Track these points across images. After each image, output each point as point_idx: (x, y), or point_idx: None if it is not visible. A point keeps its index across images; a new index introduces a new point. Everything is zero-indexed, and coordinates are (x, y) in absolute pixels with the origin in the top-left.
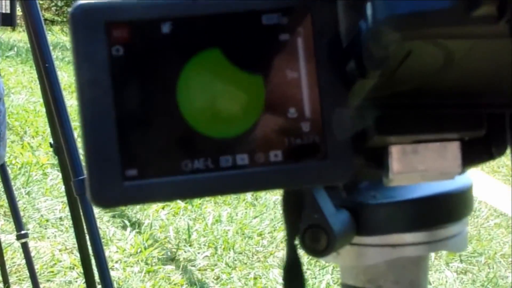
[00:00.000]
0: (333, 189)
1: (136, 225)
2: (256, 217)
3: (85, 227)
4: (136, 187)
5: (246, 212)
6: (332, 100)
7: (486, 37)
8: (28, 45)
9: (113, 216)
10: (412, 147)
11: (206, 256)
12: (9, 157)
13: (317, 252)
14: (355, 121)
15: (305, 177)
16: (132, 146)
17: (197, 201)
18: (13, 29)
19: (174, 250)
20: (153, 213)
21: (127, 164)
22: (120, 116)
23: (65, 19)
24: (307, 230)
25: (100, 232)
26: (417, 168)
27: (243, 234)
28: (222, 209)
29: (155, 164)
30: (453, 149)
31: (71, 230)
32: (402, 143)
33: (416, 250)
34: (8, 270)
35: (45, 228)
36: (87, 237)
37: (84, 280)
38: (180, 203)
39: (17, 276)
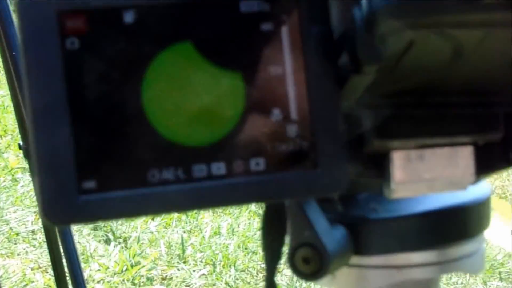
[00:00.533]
0: (326, 202)
1: (121, 238)
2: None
3: (60, 241)
4: (94, 202)
5: (249, 222)
6: (322, 99)
7: (499, 26)
8: None
9: (94, 229)
10: (417, 153)
11: (203, 274)
12: None
13: (308, 275)
14: (350, 124)
15: (292, 188)
16: (90, 154)
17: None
18: None
19: (166, 267)
20: (141, 225)
21: (84, 175)
22: (76, 119)
23: None
24: (297, 249)
25: (79, 247)
26: (424, 177)
27: (246, 248)
28: (222, 220)
29: (117, 175)
30: (465, 154)
31: (45, 245)
32: (406, 148)
33: (425, 272)
34: None
35: (15, 243)
36: (63, 253)
37: None
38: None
39: None
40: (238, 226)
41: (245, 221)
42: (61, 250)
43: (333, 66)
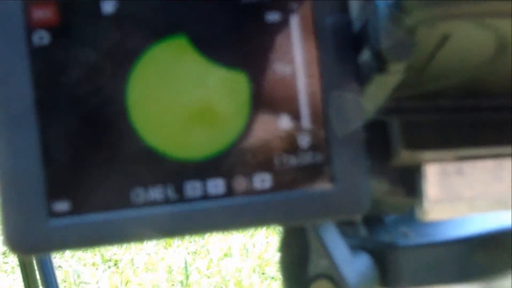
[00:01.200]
0: (347, 226)
1: (111, 262)
2: None
3: (36, 266)
4: (67, 226)
5: (267, 241)
6: (340, 103)
7: None
8: None
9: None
10: (455, 166)
11: None
12: None
13: None
14: (374, 132)
15: (305, 210)
16: (62, 169)
17: None
18: None
19: None
20: (136, 245)
21: (55, 194)
22: (45, 127)
23: None
24: (313, 281)
25: (60, 272)
26: (463, 194)
27: (263, 273)
28: (233, 239)
29: (95, 194)
30: (511, 168)
31: (19, 271)
32: (441, 161)
33: None
34: None
35: None
36: (40, 281)
37: None
38: None
39: None
40: (253, 246)
41: (261, 239)
42: (38, 277)
43: (353, 63)
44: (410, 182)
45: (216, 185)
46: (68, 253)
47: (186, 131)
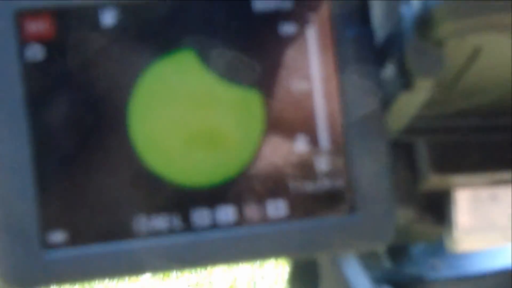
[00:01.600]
0: (370, 257)
1: None
2: None
3: None
4: (64, 259)
5: (276, 274)
6: (361, 123)
7: None
8: None
9: None
10: (489, 192)
11: None
12: None
13: None
14: (399, 154)
15: (323, 240)
16: (57, 196)
17: None
18: None
19: None
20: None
21: (50, 223)
22: (39, 151)
23: None
24: None
25: None
26: (497, 222)
27: None
28: (239, 270)
29: (93, 224)
30: None
31: None
32: (473, 186)
33: None
34: None
35: None
36: None
37: None
38: None
39: None
40: (262, 278)
41: (270, 271)
42: None
43: (376, 80)
44: (439, 209)
45: (226, 213)
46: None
47: (192, 155)
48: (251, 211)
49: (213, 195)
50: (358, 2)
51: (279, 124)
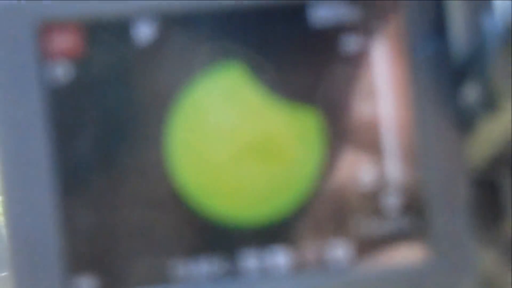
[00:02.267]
0: None
1: None
2: None
3: None
4: None
5: None
6: (437, 154)
7: None
8: None
9: None
10: None
11: None
12: None
13: None
14: (482, 190)
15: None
16: (86, 237)
17: None
18: None
19: None
20: None
21: (78, 267)
22: (65, 183)
23: None
24: None
25: None
26: None
27: None
28: None
29: (126, 267)
30: None
31: None
32: None
33: None
34: None
35: None
36: None
37: None
38: None
39: None
40: None
41: None
42: None
43: (454, 102)
44: None
45: (278, 255)
46: None
47: (240, 188)
48: (308, 254)
49: (263, 235)
50: (434, 13)
51: (341, 153)
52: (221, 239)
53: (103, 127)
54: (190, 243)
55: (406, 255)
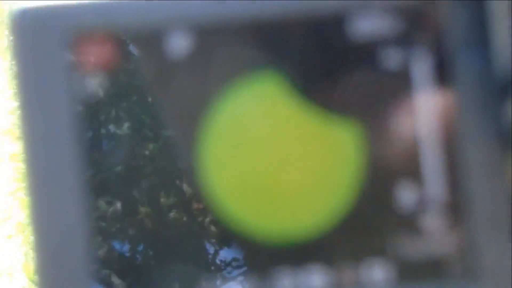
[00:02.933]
0: None
1: None
2: None
3: None
4: None
5: None
6: (479, 174)
7: None
8: None
9: None
10: None
11: None
12: None
13: None
14: None
15: None
16: (109, 258)
17: None
18: None
19: None
20: None
21: (101, 272)
22: (94, 195)
23: None
24: None
25: None
26: None
27: None
28: None
29: (152, 277)
30: None
31: None
32: None
33: None
34: None
35: None
36: None
37: None
38: None
39: None
40: None
41: None
42: None
43: (498, 122)
44: None
45: (314, 276)
46: None
47: (276, 203)
48: (345, 274)
49: (299, 253)
50: (478, 26)
51: (381, 169)
52: (256, 257)
53: (134, 139)
54: (223, 259)
55: (447, 278)
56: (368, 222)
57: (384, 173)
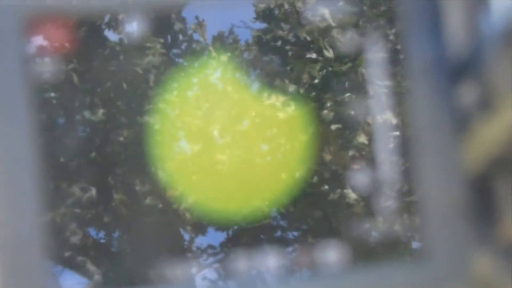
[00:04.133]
0: None
1: None
2: None
3: None
4: None
5: None
6: (432, 154)
7: None
8: None
9: None
10: None
11: None
12: None
13: None
14: (477, 193)
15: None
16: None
17: None
18: None
19: None
20: None
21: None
22: (49, 181)
23: None
24: None
25: None
26: None
27: None
28: None
29: (113, 268)
30: None
31: None
32: None
33: None
34: None
35: None
36: None
37: None
38: None
39: None
40: None
41: None
42: None
43: (451, 102)
44: None
45: (269, 258)
46: None
47: (230, 188)
48: (300, 256)
49: (255, 235)
50: (431, 14)
51: (333, 152)
52: (210, 240)
53: (89, 121)
54: (178, 244)
55: (400, 258)
56: (321, 205)
57: (337, 156)
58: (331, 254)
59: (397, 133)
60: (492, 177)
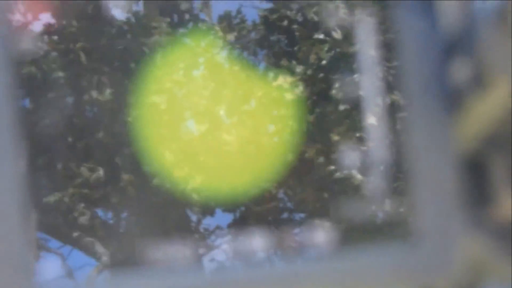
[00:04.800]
0: None
1: None
2: None
3: None
4: None
5: None
6: (425, 134)
7: None
8: None
9: None
10: None
11: None
12: None
13: None
14: (470, 173)
15: (379, 270)
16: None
17: None
18: None
19: None
20: None
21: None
22: (30, 164)
23: None
24: None
25: None
26: None
27: None
28: None
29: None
30: None
31: None
32: None
33: None
34: None
35: None
36: None
37: None
38: None
39: None
40: None
41: None
42: None
43: (443, 80)
44: None
45: (256, 238)
46: None
47: (218, 168)
48: (288, 237)
49: (241, 217)
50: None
51: (323, 132)
52: (196, 222)
53: (72, 101)
54: (163, 227)
55: (392, 239)
56: (310, 185)
57: (327, 135)
58: (319, 235)
59: (389, 111)
60: (487, 155)
